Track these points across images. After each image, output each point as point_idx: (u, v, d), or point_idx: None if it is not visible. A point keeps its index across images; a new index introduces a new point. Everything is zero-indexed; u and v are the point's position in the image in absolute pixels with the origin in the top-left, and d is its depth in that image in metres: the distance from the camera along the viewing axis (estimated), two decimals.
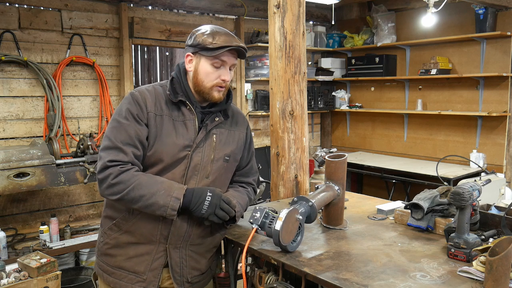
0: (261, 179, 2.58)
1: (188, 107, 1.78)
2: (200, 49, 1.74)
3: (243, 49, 1.76)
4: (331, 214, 2.05)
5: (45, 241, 3.62)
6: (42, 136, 4.10)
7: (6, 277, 2.92)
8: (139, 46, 5.84)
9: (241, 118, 1.98)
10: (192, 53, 1.78)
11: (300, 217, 1.76)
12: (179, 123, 1.77)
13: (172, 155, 1.73)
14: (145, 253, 1.76)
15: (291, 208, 1.75)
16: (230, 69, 1.79)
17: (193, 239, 1.81)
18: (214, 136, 1.82)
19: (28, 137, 4.07)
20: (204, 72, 1.76)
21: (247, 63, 5.63)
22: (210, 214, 1.68)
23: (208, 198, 1.68)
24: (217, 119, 1.83)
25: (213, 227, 1.85)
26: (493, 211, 1.97)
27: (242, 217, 2.15)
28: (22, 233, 3.96)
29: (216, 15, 5.36)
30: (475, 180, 1.83)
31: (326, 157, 2.06)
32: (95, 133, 4.41)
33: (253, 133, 5.75)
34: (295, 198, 1.88)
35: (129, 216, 1.75)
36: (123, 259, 1.77)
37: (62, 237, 3.86)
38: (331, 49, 6.19)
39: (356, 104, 6.17)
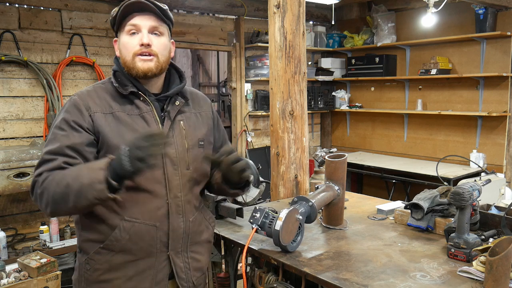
0: (261, 179, 2.58)
1: (141, 98, 1.59)
2: (112, 25, 1.62)
3: (145, 1, 1.53)
4: (331, 214, 2.05)
5: (45, 241, 3.62)
6: (42, 136, 4.10)
7: (6, 277, 2.92)
8: None
9: (202, 98, 1.82)
10: (116, 37, 1.65)
11: (300, 217, 1.76)
12: (136, 117, 1.57)
13: None
14: (146, 268, 1.59)
15: (291, 208, 1.75)
16: (155, 34, 1.58)
17: (192, 237, 1.70)
18: (181, 122, 1.65)
19: (28, 137, 4.07)
20: (123, 45, 1.58)
21: (247, 63, 5.63)
22: (135, 164, 1.35)
23: (125, 149, 1.37)
24: (177, 103, 1.65)
25: (204, 221, 1.75)
26: (493, 211, 1.97)
27: (238, 217, 2.15)
28: (22, 233, 3.97)
29: (216, 15, 5.37)
30: (475, 180, 1.83)
31: (326, 157, 2.06)
32: None
33: (252, 133, 5.75)
34: (295, 198, 1.88)
35: (121, 234, 1.54)
36: (123, 282, 1.57)
37: (62, 237, 3.86)
38: (331, 49, 6.19)
39: (356, 104, 6.17)
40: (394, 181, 5.13)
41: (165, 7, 1.60)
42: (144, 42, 1.54)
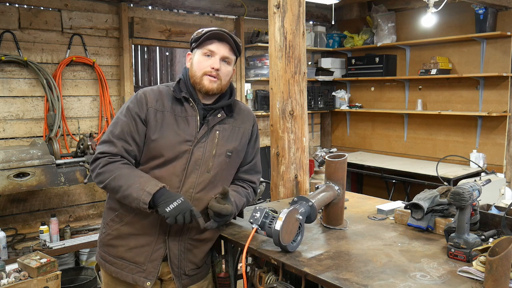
0: (261, 179, 2.58)
1: (191, 104, 1.86)
2: (193, 43, 1.89)
3: (227, 34, 1.82)
4: (331, 214, 2.05)
5: (45, 241, 3.61)
6: (42, 136, 4.10)
7: (6, 277, 2.92)
8: (139, 46, 5.84)
9: (247, 115, 2.02)
10: (191, 51, 1.92)
11: (300, 217, 1.76)
12: (181, 118, 1.84)
13: (173, 148, 1.79)
14: (145, 245, 1.83)
15: (291, 208, 1.74)
16: (225, 62, 1.86)
17: (192, 232, 1.86)
18: (217, 132, 1.87)
19: (28, 137, 4.07)
20: (196, 62, 1.86)
21: (247, 63, 5.63)
22: (171, 215, 1.68)
23: (179, 201, 1.69)
24: (219, 115, 1.89)
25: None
26: (493, 211, 1.97)
27: (238, 217, 2.15)
28: (22, 233, 3.96)
29: (216, 15, 5.36)
30: (475, 180, 1.82)
31: (326, 157, 2.06)
32: (95, 133, 4.41)
33: None
34: (295, 198, 1.88)
35: (131, 208, 1.79)
36: (124, 250, 1.84)
37: (62, 237, 3.86)
38: (331, 49, 6.19)
39: (356, 104, 6.17)
40: (394, 181, 5.13)
41: (240, 42, 1.90)
42: (215, 67, 1.83)
